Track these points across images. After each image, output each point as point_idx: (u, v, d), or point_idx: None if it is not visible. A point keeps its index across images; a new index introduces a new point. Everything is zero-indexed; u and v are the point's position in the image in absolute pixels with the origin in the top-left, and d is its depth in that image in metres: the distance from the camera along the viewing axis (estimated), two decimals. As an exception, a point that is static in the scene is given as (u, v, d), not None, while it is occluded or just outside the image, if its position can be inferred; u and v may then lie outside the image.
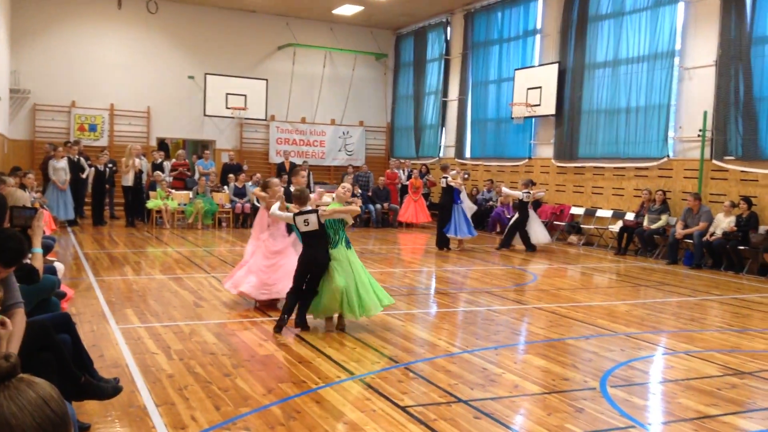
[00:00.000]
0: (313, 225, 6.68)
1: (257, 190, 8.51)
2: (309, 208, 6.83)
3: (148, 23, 20.26)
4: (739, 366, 6.01)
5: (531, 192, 14.26)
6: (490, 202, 18.15)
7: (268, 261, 7.72)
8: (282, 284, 7.43)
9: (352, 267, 6.73)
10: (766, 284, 10.92)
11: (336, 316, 6.91)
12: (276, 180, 8.41)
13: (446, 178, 14.13)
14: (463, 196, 14.32)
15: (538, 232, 14.27)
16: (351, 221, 7.02)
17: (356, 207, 7.14)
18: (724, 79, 12.78)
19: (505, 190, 14.47)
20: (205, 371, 5.38)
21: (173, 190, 17.31)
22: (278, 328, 6.65)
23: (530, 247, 14.07)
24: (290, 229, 7.65)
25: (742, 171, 12.53)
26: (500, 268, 12.01)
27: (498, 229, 17.20)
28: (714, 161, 13.01)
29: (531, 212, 14.32)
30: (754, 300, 9.48)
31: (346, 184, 7.34)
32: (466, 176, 16.91)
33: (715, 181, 13.11)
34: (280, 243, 7.82)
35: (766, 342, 6.99)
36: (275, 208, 7.18)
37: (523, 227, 14.13)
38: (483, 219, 17.68)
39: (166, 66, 20.51)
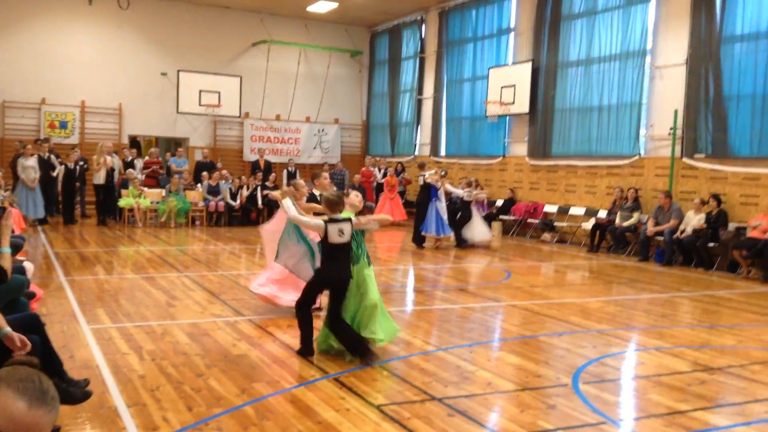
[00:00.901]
0: (348, 236, 5.83)
1: (278, 193, 7.84)
2: (341, 216, 5.88)
3: (119, 19, 20.00)
4: (709, 362, 6.11)
5: (473, 192, 14.55)
6: (466, 198, 18.18)
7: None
8: (292, 296, 6.90)
9: (368, 288, 5.94)
10: (735, 281, 11.11)
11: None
12: (302, 182, 7.63)
13: (424, 175, 14.18)
14: (441, 194, 14.36)
15: (479, 229, 14.45)
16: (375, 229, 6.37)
17: (387, 216, 6.48)
18: (694, 78, 12.95)
19: (447, 186, 14.61)
20: (178, 371, 5.33)
21: (146, 188, 17.13)
22: (308, 351, 5.88)
23: (461, 243, 14.23)
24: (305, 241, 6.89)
25: (712, 169, 12.72)
26: (475, 265, 12.06)
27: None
28: (684, 159, 13.19)
29: (473, 210, 14.54)
30: (724, 296, 9.63)
31: (357, 192, 6.92)
32: (443, 174, 16.99)
33: (685, 179, 13.29)
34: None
35: (735, 338, 7.11)
36: (294, 212, 6.20)
37: (462, 225, 14.31)
38: (453, 216, 17.70)
39: (138, 62, 20.28)
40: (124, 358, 5.64)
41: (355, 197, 6.41)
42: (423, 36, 21.14)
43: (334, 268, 5.83)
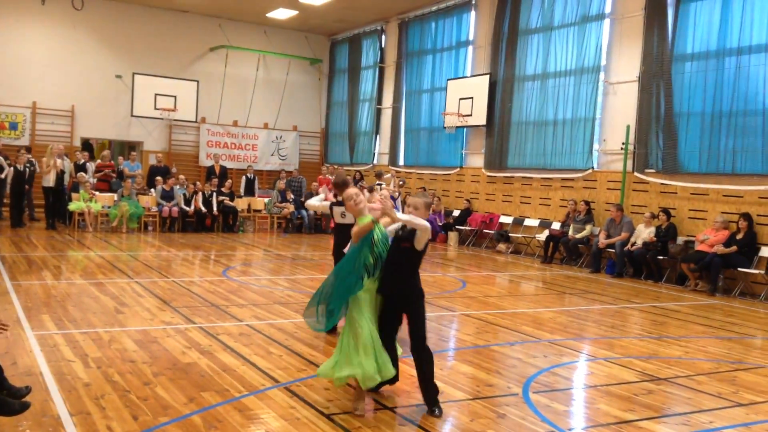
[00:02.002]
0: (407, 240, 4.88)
1: (317, 201, 7.11)
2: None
3: (73, 19, 19.62)
4: (656, 372, 6.22)
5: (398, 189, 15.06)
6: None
7: None
8: None
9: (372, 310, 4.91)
10: (683, 293, 11.36)
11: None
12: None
13: (381, 184, 14.19)
14: (398, 203, 14.39)
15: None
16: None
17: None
18: (646, 95, 13.26)
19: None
20: (124, 380, 5.20)
21: (97, 192, 16.79)
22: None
23: None
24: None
25: (662, 183, 13.02)
26: (430, 275, 12.10)
27: (430, 237, 17.33)
28: (636, 174, 13.47)
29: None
30: (672, 308, 9.84)
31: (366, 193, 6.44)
32: (401, 183, 17.08)
33: (636, 192, 13.58)
34: None
35: (681, 349, 7.26)
36: (316, 202, 6.20)
37: None
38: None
39: (92, 64, 19.90)
40: (69, 366, 5.49)
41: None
42: (383, 46, 21.22)
43: (396, 280, 4.95)
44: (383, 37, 21.21)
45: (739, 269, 11.26)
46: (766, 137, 11.32)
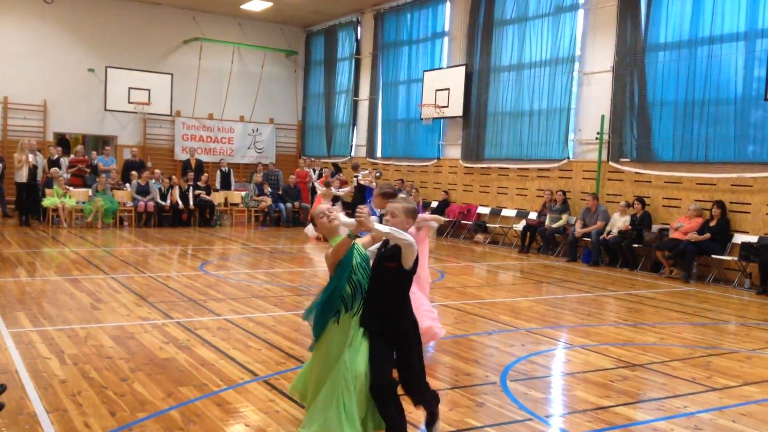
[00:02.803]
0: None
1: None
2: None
3: (44, 12, 19.31)
4: (632, 359, 6.30)
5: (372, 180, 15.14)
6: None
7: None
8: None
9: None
10: (658, 280, 11.51)
11: None
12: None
13: (357, 176, 14.18)
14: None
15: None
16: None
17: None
18: (620, 85, 13.37)
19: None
20: (101, 376, 5.16)
21: (71, 188, 16.58)
22: None
23: None
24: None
25: (637, 173, 13.15)
26: (408, 266, 12.12)
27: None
28: (611, 163, 13.60)
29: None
30: (647, 295, 9.97)
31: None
32: (378, 175, 17.06)
33: (611, 182, 13.71)
34: None
35: (657, 335, 7.37)
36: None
37: None
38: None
39: (64, 58, 19.61)
40: (45, 363, 5.43)
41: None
42: (359, 37, 21.16)
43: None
44: (359, 28, 21.14)
45: (712, 256, 11.42)
46: (738, 125, 11.48)
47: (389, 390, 3.82)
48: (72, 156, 18.05)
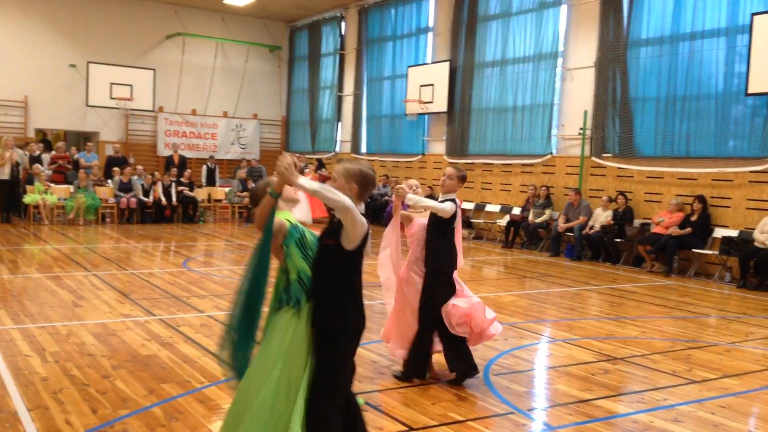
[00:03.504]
0: None
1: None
2: None
3: (23, 7, 19.09)
4: (613, 352, 6.36)
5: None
6: (385, 197, 18.31)
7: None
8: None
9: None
10: (640, 275, 11.61)
11: None
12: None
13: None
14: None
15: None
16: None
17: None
18: (602, 80, 13.45)
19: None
20: (83, 373, 5.14)
21: (52, 184, 16.44)
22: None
23: None
24: None
25: (619, 168, 13.24)
26: (392, 262, 12.15)
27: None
28: (593, 158, 13.68)
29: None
30: (629, 289, 10.05)
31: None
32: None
33: (594, 177, 13.79)
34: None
35: (638, 329, 7.44)
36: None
37: None
38: (378, 213, 17.82)
39: (45, 53, 19.40)
40: (26, 360, 5.40)
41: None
42: (343, 33, 21.11)
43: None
44: (343, 23, 21.09)
45: (693, 250, 11.53)
46: (718, 121, 11.58)
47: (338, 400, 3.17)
48: (53, 152, 17.89)
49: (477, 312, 5.21)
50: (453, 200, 5.24)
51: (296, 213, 3.42)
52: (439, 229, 5.21)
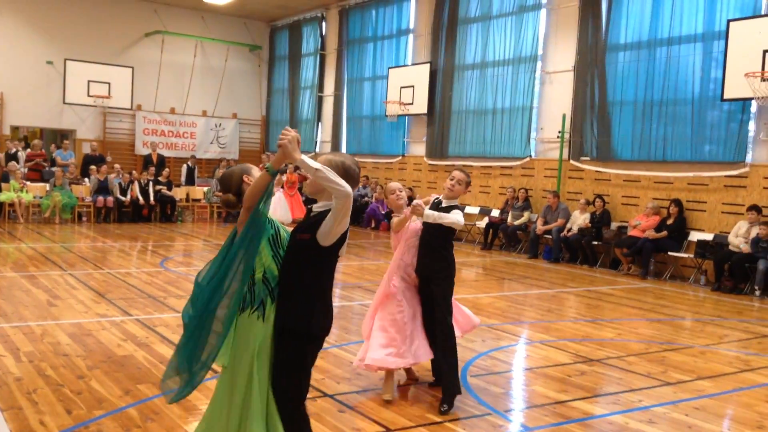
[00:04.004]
0: None
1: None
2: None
3: (0, 3, 18.82)
4: (589, 354, 6.41)
5: None
6: (365, 198, 18.31)
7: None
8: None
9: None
10: (616, 277, 11.72)
11: None
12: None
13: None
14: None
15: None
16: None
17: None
18: (581, 84, 13.57)
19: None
20: (57, 373, 5.08)
21: (28, 182, 16.23)
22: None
23: None
24: None
25: (597, 171, 13.36)
26: (373, 263, 12.15)
27: (372, 225, 17.45)
28: (571, 161, 13.79)
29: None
30: (605, 291, 10.14)
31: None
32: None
33: (572, 180, 13.90)
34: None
35: (614, 331, 7.51)
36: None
37: None
38: (358, 215, 17.82)
39: (21, 50, 19.15)
40: (0, 360, 5.33)
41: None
42: (323, 33, 21.08)
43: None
44: (324, 24, 21.06)
45: (669, 253, 11.67)
46: (695, 125, 11.73)
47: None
48: (29, 150, 17.66)
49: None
50: (458, 206, 5.14)
51: (275, 212, 3.34)
52: (441, 237, 5.09)
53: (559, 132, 13.89)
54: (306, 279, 3.08)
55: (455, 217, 4.94)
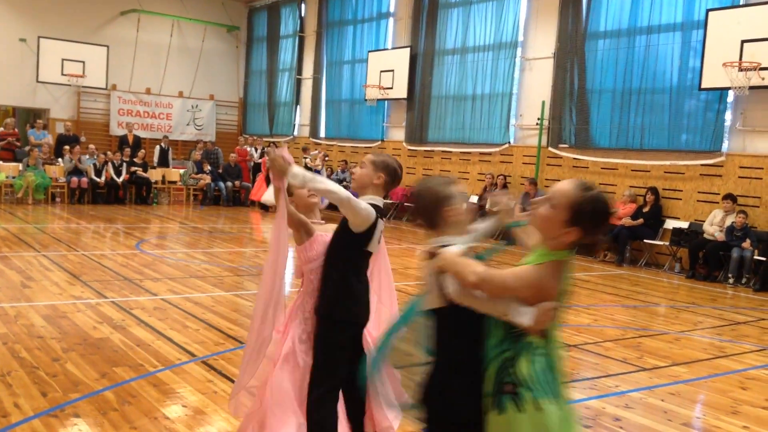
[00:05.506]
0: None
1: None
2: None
3: (-29, -24, 18.39)
4: (566, 339, 6.45)
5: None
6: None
7: None
8: None
9: None
10: (593, 264, 11.81)
11: None
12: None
13: (306, 159, 14.15)
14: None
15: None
16: None
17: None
18: (560, 71, 13.59)
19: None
20: (32, 356, 5.00)
21: (0, 162, 15.92)
22: None
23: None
24: None
25: (575, 158, 13.43)
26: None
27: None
28: (550, 148, 13.84)
29: None
30: (581, 278, 10.22)
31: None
32: (325, 157, 17.25)
33: (550, 167, 13.96)
34: None
35: (590, 317, 7.57)
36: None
37: None
38: (334, 199, 17.78)
39: (-8, 25, 18.73)
40: (-30, 343, 5.23)
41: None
42: (302, 15, 20.87)
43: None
44: (303, 5, 20.84)
45: (645, 241, 11.79)
46: (672, 114, 11.83)
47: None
48: (1, 129, 17.32)
49: None
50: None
51: (265, 195, 3.19)
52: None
53: (538, 119, 13.93)
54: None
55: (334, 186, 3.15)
